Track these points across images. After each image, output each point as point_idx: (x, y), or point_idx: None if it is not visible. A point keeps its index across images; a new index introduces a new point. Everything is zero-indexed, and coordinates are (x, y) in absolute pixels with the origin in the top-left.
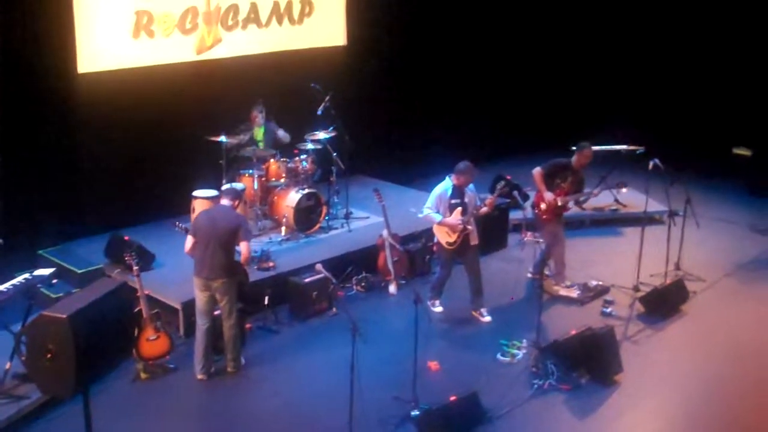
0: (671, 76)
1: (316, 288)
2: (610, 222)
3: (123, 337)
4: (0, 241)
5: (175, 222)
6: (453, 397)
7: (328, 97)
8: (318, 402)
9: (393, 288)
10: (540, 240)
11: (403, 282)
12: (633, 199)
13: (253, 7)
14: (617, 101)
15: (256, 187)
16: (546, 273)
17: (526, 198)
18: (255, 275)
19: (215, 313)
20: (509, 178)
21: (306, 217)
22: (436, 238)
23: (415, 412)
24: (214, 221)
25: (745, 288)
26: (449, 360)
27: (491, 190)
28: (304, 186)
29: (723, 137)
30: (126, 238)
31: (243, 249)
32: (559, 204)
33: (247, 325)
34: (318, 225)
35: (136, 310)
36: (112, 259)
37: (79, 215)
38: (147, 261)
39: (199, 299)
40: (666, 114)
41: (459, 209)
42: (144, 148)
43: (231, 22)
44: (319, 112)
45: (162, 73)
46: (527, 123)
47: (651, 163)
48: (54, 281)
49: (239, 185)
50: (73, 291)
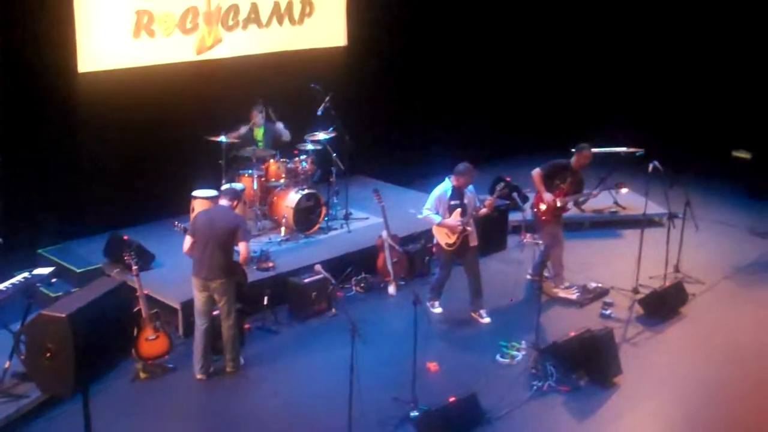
0: (671, 78)
1: (315, 288)
2: (609, 224)
3: (122, 337)
4: None
5: (174, 222)
6: (452, 398)
7: (328, 98)
8: (317, 402)
9: (392, 289)
10: (539, 242)
11: (403, 283)
12: (632, 202)
13: (254, 8)
14: (617, 103)
15: (255, 188)
16: (545, 275)
17: (525, 200)
18: (254, 275)
19: (214, 313)
20: (509, 179)
21: (305, 218)
22: (435, 239)
23: (414, 413)
24: (212, 221)
25: (744, 291)
26: (448, 361)
27: (491, 191)
28: (303, 186)
29: (723, 140)
30: (125, 237)
31: (242, 249)
32: (559, 205)
33: (246, 326)
34: (317, 225)
35: (135, 309)
36: (111, 259)
37: (79, 214)
38: (146, 261)
39: (198, 299)
40: (666, 116)
41: (458, 210)
42: (144, 147)
43: (231, 22)
44: (319, 112)
45: (162, 73)
46: (527, 124)
47: (650, 166)
48: (53, 280)
49: (239, 185)
50: (73, 290)
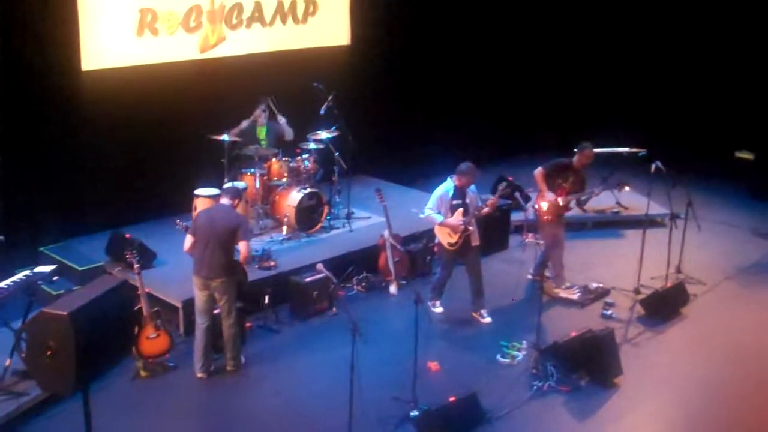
0: (674, 78)
1: (316, 287)
2: (611, 224)
3: (123, 335)
4: (1, 238)
5: (177, 220)
6: (452, 398)
7: (331, 97)
8: (318, 401)
9: (393, 288)
10: (541, 242)
11: (404, 282)
12: (634, 202)
13: (258, 6)
14: (620, 103)
15: (257, 186)
16: (546, 275)
17: (527, 199)
18: (256, 274)
19: (215, 312)
20: (511, 179)
21: (307, 217)
22: (437, 238)
23: (415, 412)
24: (213, 220)
25: (746, 291)
26: (449, 361)
27: (493, 191)
28: (305, 185)
29: (725, 140)
30: (127, 235)
31: (242, 249)
32: (561, 204)
33: (247, 324)
34: (319, 225)
35: (136, 308)
36: (113, 257)
37: (81, 212)
38: (148, 259)
39: (199, 298)
40: (668, 116)
41: (460, 210)
42: (146, 146)
43: (235, 20)
44: (322, 111)
45: (165, 72)
46: (529, 124)
47: (653, 166)
48: (55, 278)
49: (241, 184)
50: (74, 288)
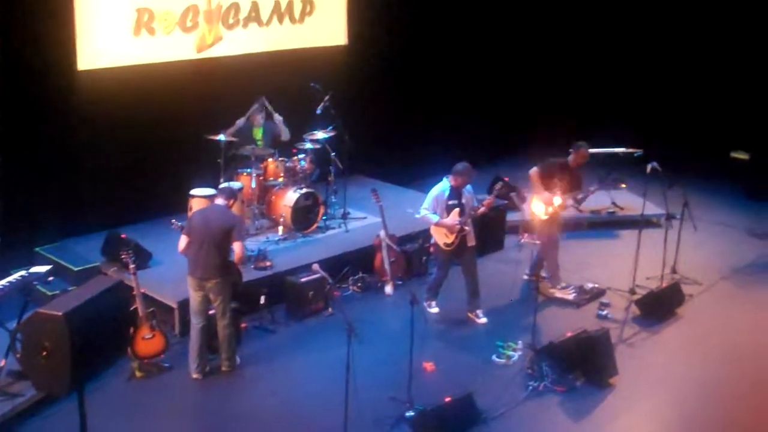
0: (670, 78)
1: (312, 288)
2: (607, 224)
3: (118, 336)
4: None
5: (172, 220)
6: (448, 398)
7: (327, 97)
8: (313, 402)
9: (389, 288)
10: (537, 242)
11: (400, 283)
12: (630, 202)
13: (254, 6)
14: (616, 103)
15: (254, 186)
16: (542, 275)
17: (523, 200)
18: (252, 274)
19: (210, 313)
20: (507, 179)
21: (303, 217)
22: (433, 239)
23: (410, 412)
24: (207, 221)
25: (742, 291)
26: (445, 361)
27: (489, 191)
28: (302, 185)
29: (721, 141)
30: (123, 236)
31: (237, 249)
32: (557, 203)
33: (243, 325)
34: (315, 225)
35: (131, 308)
36: (108, 257)
37: (77, 213)
38: (144, 259)
39: (193, 299)
40: (664, 117)
41: (456, 210)
42: (143, 146)
43: (232, 20)
44: (319, 111)
45: (162, 72)
46: (526, 124)
47: (649, 166)
48: (50, 279)
49: (237, 184)
50: (70, 289)
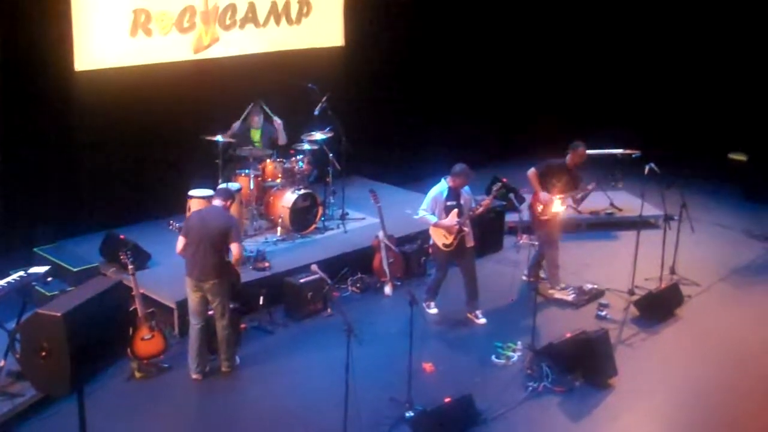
0: (668, 80)
1: (311, 288)
2: (605, 225)
3: (118, 336)
4: None
5: (170, 221)
6: (447, 399)
7: (325, 98)
8: (312, 402)
9: (388, 289)
10: (535, 243)
11: (399, 283)
12: (628, 203)
13: (251, 7)
14: (614, 105)
15: (252, 187)
16: (541, 275)
17: (522, 200)
18: (250, 275)
19: (209, 313)
20: (505, 180)
21: (302, 218)
22: (432, 239)
23: (410, 413)
24: (204, 222)
25: (740, 292)
26: (444, 362)
27: (487, 192)
28: (300, 186)
29: (719, 142)
30: (122, 236)
31: (234, 251)
32: (557, 202)
33: (242, 325)
34: (314, 225)
35: (131, 309)
36: (107, 258)
37: (75, 213)
38: (142, 260)
39: (192, 299)
40: (663, 118)
41: (455, 211)
42: (140, 146)
43: (229, 21)
44: (316, 112)
45: (159, 72)
46: (524, 125)
47: (647, 168)
48: (49, 279)
49: (235, 185)
50: (68, 289)
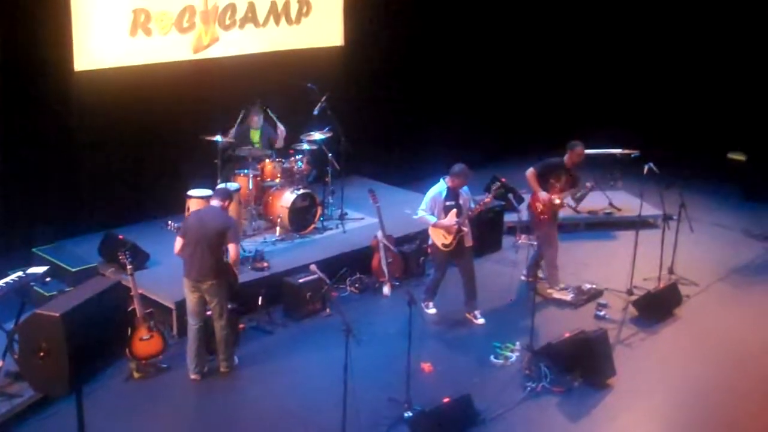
0: (667, 79)
1: (310, 289)
2: (604, 225)
3: (116, 336)
4: None
5: (168, 221)
6: (446, 399)
7: (324, 98)
8: (311, 402)
9: (387, 289)
10: (534, 243)
11: (397, 283)
12: (627, 203)
13: (251, 7)
14: (613, 104)
15: (251, 187)
16: (540, 275)
17: (521, 200)
18: (249, 275)
19: (207, 313)
20: (504, 180)
21: (301, 218)
22: (430, 239)
23: (408, 413)
24: (202, 222)
25: (739, 292)
26: (442, 362)
27: (486, 192)
28: (299, 186)
29: (718, 142)
30: (120, 236)
31: (231, 251)
32: (556, 202)
33: (241, 325)
34: (312, 225)
35: (129, 309)
36: (106, 258)
37: (74, 213)
38: (141, 260)
39: (190, 300)
40: (661, 118)
41: (454, 211)
42: (139, 146)
43: (228, 21)
44: (315, 112)
45: (159, 72)
46: (522, 126)
47: (646, 167)
48: (47, 279)
49: (233, 185)
50: (67, 289)
